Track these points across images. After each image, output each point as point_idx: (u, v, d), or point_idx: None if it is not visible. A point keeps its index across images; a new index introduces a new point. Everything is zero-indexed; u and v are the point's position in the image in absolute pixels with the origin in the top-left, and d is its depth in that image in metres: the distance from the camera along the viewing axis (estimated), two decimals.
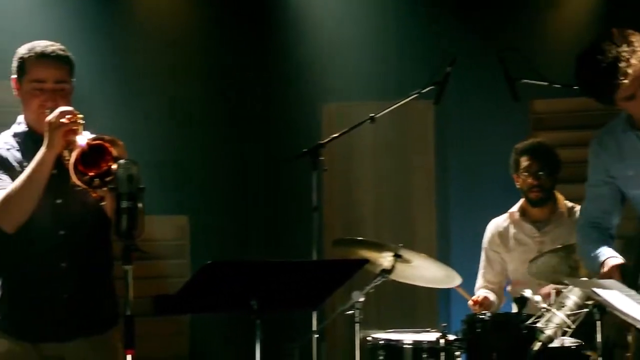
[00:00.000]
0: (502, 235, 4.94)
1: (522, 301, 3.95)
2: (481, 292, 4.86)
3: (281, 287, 3.42)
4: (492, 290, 4.90)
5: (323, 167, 4.53)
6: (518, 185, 4.88)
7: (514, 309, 4.27)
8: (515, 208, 4.96)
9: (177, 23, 6.42)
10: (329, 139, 4.63)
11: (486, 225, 5.04)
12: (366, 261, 3.79)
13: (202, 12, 6.51)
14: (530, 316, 3.89)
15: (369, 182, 6.56)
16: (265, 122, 6.72)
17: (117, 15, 6.13)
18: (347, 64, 6.48)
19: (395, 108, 4.67)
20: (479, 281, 4.97)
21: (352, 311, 4.26)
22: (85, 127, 3.29)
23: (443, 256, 6.10)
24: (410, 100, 4.64)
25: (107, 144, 3.16)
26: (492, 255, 4.96)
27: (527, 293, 3.94)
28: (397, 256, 4.39)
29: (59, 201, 3.37)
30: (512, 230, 4.93)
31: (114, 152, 3.13)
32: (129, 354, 2.95)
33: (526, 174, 4.82)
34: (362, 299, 4.25)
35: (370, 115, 4.61)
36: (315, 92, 6.53)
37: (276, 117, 6.69)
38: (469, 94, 6.18)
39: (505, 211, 5.01)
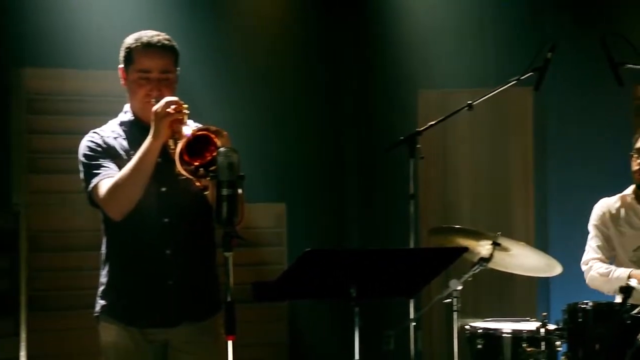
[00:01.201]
0: (613, 216, 4.77)
1: (626, 291, 3.86)
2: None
3: (380, 274, 3.42)
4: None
5: (420, 154, 4.51)
6: None
7: (618, 299, 4.19)
8: (628, 191, 4.81)
9: (275, 10, 6.46)
10: (426, 126, 4.60)
11: (586, 211, 4.92)
12: (465, 249, 3.76)
13: None
14: (635, 306, 3.81)
15: (465, 170, 6.50)
16: (362, 110, 6.72)
17: (218, 4, 6.21)
18: (445, 51, 6.43)
19: (493, 95, 4.61)
20: (592, 254, 4.73)
21: (450, 299, 4.24)
22: (190, 117, 3.34)
23: (542, 244, 6.02)
24: (509, 87, 4.59)
25: (212, 135, 3.17)
26: (603, 231, 4.79)
27: (633, 282, 3.85)
28: (496, 244, 4.34)
29: (163, 189, 3.41)
30: (622, 213, 4.77)
31: (219, 142, 3.14)
32: (230, 339, 2.99)
33: (636, 155, 4.69)
34: (459, 287, 4.23)
35: (468, 102, 4.57)
36: (411, 80, 6.49)
37: (373, 105, 6.68)
38: (569, 79, 6.06)
39: (605, 197, 4.90)
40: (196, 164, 3.19)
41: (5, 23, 5.65)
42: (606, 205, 4.82)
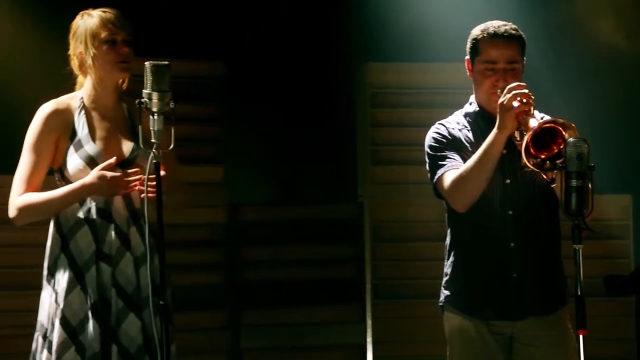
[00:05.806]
0: None
1: None
2: None
3: None
4: None
5: None
6: None
7: None
8: None
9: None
10: None
11: None
12: None
13: None
14: None
15: None
16: None
17: None
18: None
19: None
20: None
21: None
22: (536, 107, 3.29)
23: None
24: None
25: (559, 127, 3.11)
26: None
27: None
28: None
29: (508, 181, 3.39)
30: None
31: (566, 134, 3.09)
32: (581, 334, 2.93)
33: None
34: None
35: None
36: None
37: None
38: None
39: None
40: (543, 156, 3.15)
41: (351, 20, 5.92)
42: None
